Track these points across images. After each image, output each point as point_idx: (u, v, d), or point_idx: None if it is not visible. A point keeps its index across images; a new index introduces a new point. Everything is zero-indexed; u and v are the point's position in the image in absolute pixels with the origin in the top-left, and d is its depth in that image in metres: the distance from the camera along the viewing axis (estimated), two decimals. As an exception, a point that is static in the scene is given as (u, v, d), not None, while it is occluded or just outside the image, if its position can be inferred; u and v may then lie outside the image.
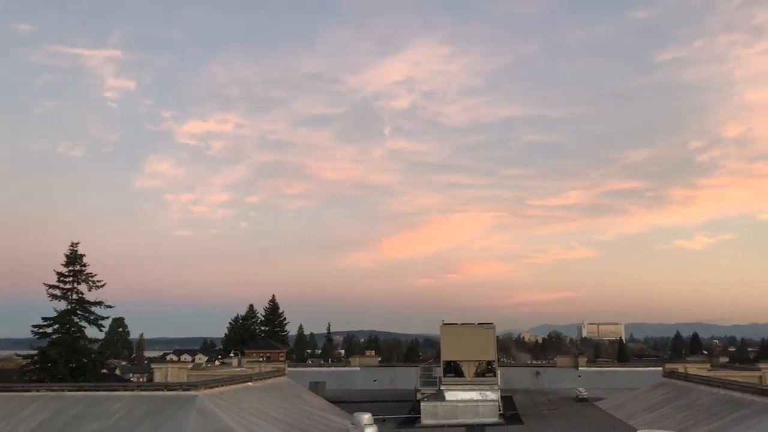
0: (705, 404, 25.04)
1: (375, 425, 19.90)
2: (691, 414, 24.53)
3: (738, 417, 21.27)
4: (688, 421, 23.68)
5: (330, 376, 44.89)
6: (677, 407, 26.51)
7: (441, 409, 29.05)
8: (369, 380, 47.21)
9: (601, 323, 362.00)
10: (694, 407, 25.37)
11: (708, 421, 22.42)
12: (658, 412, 27.01)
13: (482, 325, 30.69)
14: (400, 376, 45.73)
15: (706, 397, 25.91)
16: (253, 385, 27.66)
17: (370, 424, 19.70)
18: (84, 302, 61.91)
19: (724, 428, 20.83)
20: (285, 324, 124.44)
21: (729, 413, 22.14)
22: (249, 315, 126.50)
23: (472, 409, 29.01)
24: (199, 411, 21.03)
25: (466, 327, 30.65)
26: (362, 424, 19.64)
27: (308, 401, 30.46)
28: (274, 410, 25.22)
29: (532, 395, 39.18)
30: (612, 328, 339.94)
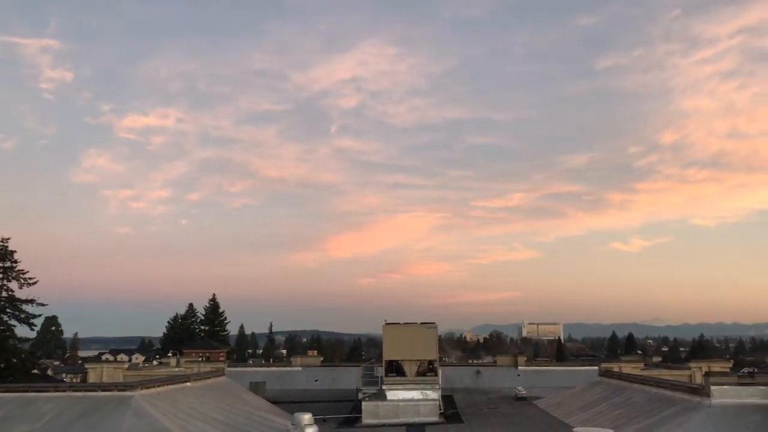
0: (638, 402, 25.75)
1: (315, 425, 19.72)
2: (625, 412, 25.19)
3: (669, 414, 21.96)
4: (622, 418, 24.31)
5: (271, 377, 44.39)
6: (612, 405, 27.20)
7: (382, 408, 29.07)
8: (310, 380, 46.89)
9: (541, 323, 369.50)
10: (628, 405, 26.07)
11: (641, 419, 23.07)
12: (593, 410, 27.64)
13: (424, 324, 30.84)
14: (342, 376, 45.61)
15: (639, 395, 26.66)
16: (191, 386, 27.12)
17: (310, 424, 19.50)
18: (14, 300, 59.52)
19: (656, 425, 21.46)
20: (225, 323, 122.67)
21: (660, 411, 22.84)
22: (189, 314, 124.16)
23: (413, 409, 29.13)
24: (135, 412, 20.48)
25: (408, 327, 30.75)
26: (302, 424, 19.43)
27: (248, 401, 30.04)
28: (212, 411, 24.77)
29: (472, 394, 39.57)
30: (551, 328, 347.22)
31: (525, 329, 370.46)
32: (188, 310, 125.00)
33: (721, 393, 20.80)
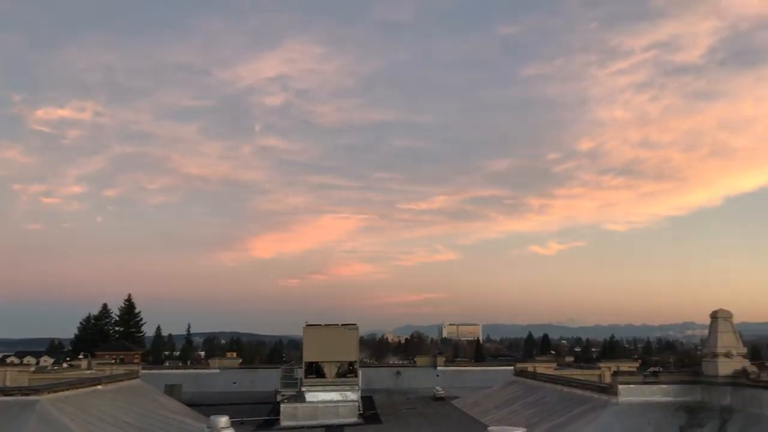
0: (551, 401, 26.61)
1: (232, 428, 19.40)
2: (538, 410, 25.98)
3: (579, 412, 22.79)
4: (535, 417, 25.05)
5: (187, 379, 43.44)
6: (526, 404, 27.99)
7: (301, 410, 28.91)
8: (229, 382, 46.17)
9: (461, 324, 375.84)
10: (541, 404, 26.90)
11: (553, 417, 23.84)
12: (508, 409, 28.36)
13: (345, 326, 30.90)
14: (262, 378, 45.08)
15: (552, 394, 27.56)
16: (102, 389, 26.21)
17: (226, 427, 19.17)
18: None
19: (567, 423, 22.23)
20: (141, 324, 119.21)
21: (571, 409, 23.67)
22: (102, 315, 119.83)
23: (332, 410, 29.10)
24: (40, 417, 19.61)
25: (329, 328, 30.73)
26: (219, 427, 19.07)
27: (163, 404, 29.27)
28: (125, 414, 24.01)
29: (392, 395, 39.90)
30: (471, 328, 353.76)
31: (445, 330, 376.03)
32: (102, 310, 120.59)
33: (627, 391, 21.75)
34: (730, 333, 21.53)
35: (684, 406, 21.17)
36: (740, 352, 21.34)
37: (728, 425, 19.02)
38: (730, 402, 20.08)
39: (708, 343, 21.96)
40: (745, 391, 19.67)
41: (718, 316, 21.61)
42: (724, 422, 19.31)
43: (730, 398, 20.16)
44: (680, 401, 21.43)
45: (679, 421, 20.45)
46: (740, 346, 21.55)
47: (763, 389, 19.07)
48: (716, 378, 20.89)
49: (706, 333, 22.43)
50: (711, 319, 22.00)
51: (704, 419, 20.09)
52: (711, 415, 20.08)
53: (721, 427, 19.13)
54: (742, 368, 20.70)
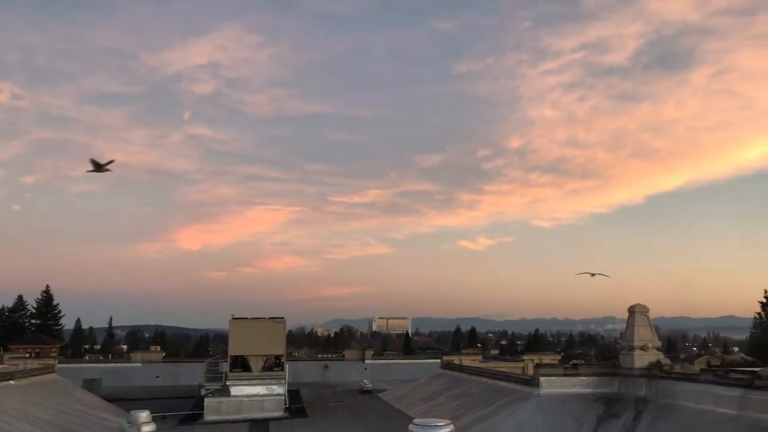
0: (475, 393, 27.05)
1: (153, 423, 18.87)
2: (463, 402, 26.36)
3: (502, 404, 23.24)
4: (460, 409, 25.40)
5: (108, 373, 42.12)
6: (451, 396, 28.35)
7: (225, 404, 28.41)
8: (151, 377, 45.00)
9: (391, 317, 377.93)
10: (466, 396, 27.31)
11: (477, 409, 24.23)
12: (434, 402, 28.67)
13: (273, 319, 30.53)
14: (186, 372, 44.13)
15: (477, 386, 28.02)
16: (15, 384, 25.03)
17: (147, 422, 18.64)
18: None
19: (490, 414, 22.64)
20: (60, 317, 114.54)
21: (495, 401, 24.11)
22: (17, 307, 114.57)
23: (257, 404, 28.73)
24: (-56, 415, 18.57)
25: (256, 321, 30.31)
26: (139, 422, 18.53)
27: (80, 400, 28.22)
28: (39, 411, 22.99)
29: (319, 388, 39.77)
30: (400, 322, 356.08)
31: (375, 324, 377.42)
32: (17, 302, 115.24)
33: (549, 383, 22.31)
34: (646, 327, 22.37)
35: (602, 397, 21.87)
36: (655, 345, 22.20)
37: (642, 415, 19.75)
38: (645, 393, 20.87)
39: (625, 337, 22.77)
40: (658, 383, 20.48)
41: (635, 311, 22.42)
42: (639, 412, 20.04)
43: (645, 389, 20.96)
44: (599, 392, 22.13)
45: (597, 411, 21.10)
46: (655, 339, 22.43)
47: (676, 381, 19.90)
48: (632, 370, 21.68)
49: (624, 327, 23.26)
50: (628, 314, 22.82)
51: (620, 409, 20.80)
52: (627, 406, 20.82)
53: (636, 417, 19.85)
54: (656, 361, 21.55)
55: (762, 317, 75.77)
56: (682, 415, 18.26)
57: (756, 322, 77.97)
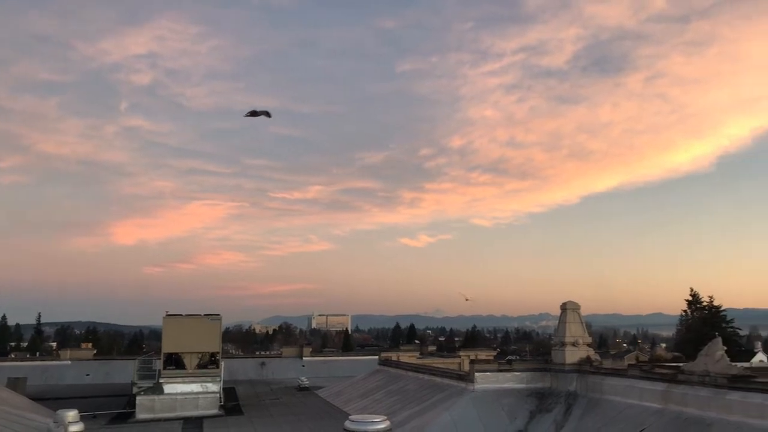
0: (412, 389, 27.26)
1: (81, 422, 18.26)
2: (400, 398, 26.53)
3: (438, 399, 23.49)
4: (396, 405, 25.55)
5: (34, 371, 40.65)
6: (388, 393, 28.50)
7: (158, 402, 27.81)
8: (81, 375, 43.68)
9: (330, 314, 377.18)
10: (403, 392, 27.49)
11: (413, 405, 24.43)
12: (371, 398, 28.76)
13: (208, 316, 30.05)
14: (118, 369, 43.03)
15: (414, 382, 28.24)
16: (-68, 384, 23.90)
17: (75, 422, 17.99)
18: None
19: (426, 410, 22.85)
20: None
21: (431, 396, 24.36)
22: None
23: (191, 402, 28.22)
24: None
25: (191, 318, 29.78)
26: (66, 421, 17.86)
27: (4, 399, 27.09)
28: (-42, 411, 22.02)
29: (256, 386, 39.35)
30: (340, 319, 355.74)
31: (315, 321, 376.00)
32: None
33: (483, 379, 22.69)
34: (578, 323, 22.99)
35: (535, 392, 22.38)
36: (586, 342, 22.85)
37: (573, 409, 20.30)
38: (576, 387, 21.45)
39: (557, 333, 23.35)
40: (588, 378, 21.09)
41: (567, 308, 23.01)
42: (570, 406, 20.59)
43: (576, 384, 21.54)
44: (531, 387, 22.64)
45: (529, 406, 21.58)
46: (586, 335, 23.08)
47: (604, 375, 20.53)
48: (564, 365, 22.25)
49: (557, 324, 23.84)
50: (561, 311, 23.40)
51: (552, 404, 21.33)
52: (558, 400, 21.36)
53: (566, 411, 20.38)
54: (586, 356, 22.18)
55: (688, 315, 78.73)
56: (609, 409, 18.84)
57: (682, 320, 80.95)
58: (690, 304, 78.76)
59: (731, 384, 15.39)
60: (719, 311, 77.02)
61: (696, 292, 78.44)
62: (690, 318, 78.47)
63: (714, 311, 76.64)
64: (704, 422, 15.31)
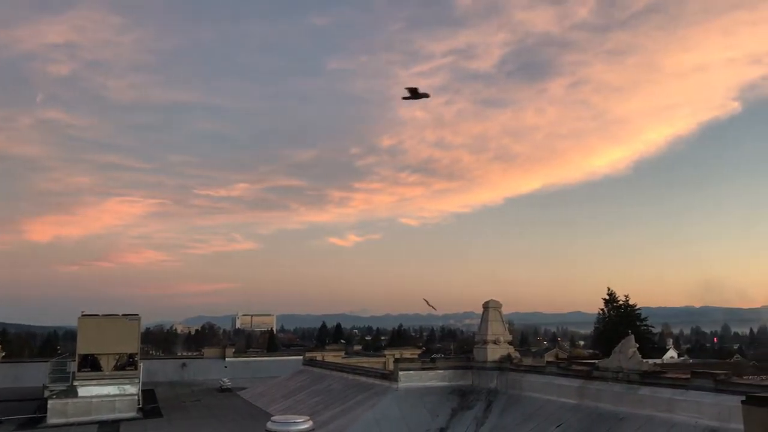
0: (336, 389, 27.18)
1: (-15, 429, 17.40)
2: (324, 398, 26.40)
3: (361, 399, 23.50)
4: (320, 405, 25.42)
5: (-66, 376, 38.40)
6: (312, 392, 28.32)
7: (72, 406, 26.72)
8: (-12, 378, 41.47)
9: (255, 314, 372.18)
10: (327, 392, 27.37)
11: (336, 404, 24.35)
12: (295, 398, 28.51)
13: (126, 316, 29.10)
14: (28, 372, 40.99)
15: (338, 382, 28.16)
16: None
17: (-22, 428, 17.16)
18: None
19: (350, 409, 22.81)
20: None
21: (355, 395, 24.34)
22: None
23: (107, 405, 27.27)
24: None
25: (108, 319, 28.76)
26: (-32, 428, 17.01)
27: None
28: None
29: (176, 387, 38.43)
30: (265, 319, 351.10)
31: (239, 321, 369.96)
32: None
33: (407, 377, 22.84)
34: (499, 322, 23.45)
35: (457, 390, 22.69)
36: (507, 340, 23.34)
37: (493, 406, 20.69)
38: (496, 385, 21.89)
39: (479, 332, 23.75)
40: (508, 375, 21.56)
41: (489, 306, 23.44)
42: (490, 403, 20.98)
43: (497, 381, 21.98)
44: (454, 385, 22.95)
45: (452, 403, 21.85)
46: (507, 333, 23.57)
47: (524, 373, 21.03)
48: (485, 363, 22.65)
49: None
50: (483, 309, 23.81)
51: (473, 401, 21.67)
52: (479, 397, 21.72)
53: (487, 408, 20.75)
54: (507, 354, 22.66)
55: (605, 313, 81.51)
56: (528, 405, 19.30)
57: (599, 318, 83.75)
58: (607, 303, 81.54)
59: (642, 380, 16.03)
60: (634, 310, 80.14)
61: (612, 291, 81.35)
62: (607, 316, 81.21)
63: (629, 310, 79.69)
64: (617, 417, 15.87)
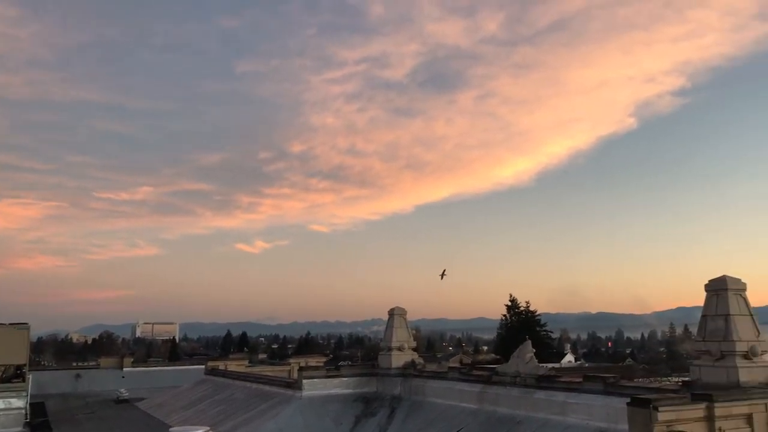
0: (239, 398, 26.66)
1: None
2: (225, 408, 25.84)
3: (265, 408, 23.15)
4: (221, 415, 24.85)
5: None
6: (213, 402, 27.66)
7: (-53, 423, 24.97)
8: None
9: (157, 323, 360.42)
10: (229, 401, 26.81)
11: (239, 414, 23.88)
12: (195, 409, 27.76)
13: (14, 325, 27.44)
14: None
15: (241, 391, 27.64)
16: None
17: None
18: None
19: (252, 419, 22.43)
20: None
21: (258, 405, 23.96)
22: None
23: (-9, 420, 25.62)
24: None
25: None
26: None
27: None
28: None
29: (69, 399, 36.69)
30: (167, 327, 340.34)
31: (140, 329, 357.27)
32: None
33: (311, 385, 22.68)
34: (404, 328, 23.71)
35: (361, 397, 22.73)
36: (411, 346, 23.61)
37: (396, 412, 20.86)
38: (400, 391, 22.09)
39: (384, 338, 23.92)
40: (412, 381, 21.80)
41: (395, 313, 23.66)
42: (394, 410, 21.13)
43: (400, 388, 22.19)
44: (358, 392, 22.98)
45: (356, 410, 21.86)
46: (411, 340, 23.85)
47: (427, 378, 21.34)
48: (390, 370, 22.83)
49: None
50: (389, 316, 24.01)
51: (377, 408, 21.77)
52: (383, 404, 21.85)
53: (390, 414, 20.90)
54: (411, 360, 22.92)
55: (507, 319, 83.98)
56: (430, 411, 19.58)
57: (502, 323, 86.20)
58: (509, 309, 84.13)
59: (538, 384, 16.60)
60: (534, 316, 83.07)
61: (515, 298, 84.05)
62: (509, 322, 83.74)
63: (529, 316, 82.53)
64: (514, 420, 16.35)
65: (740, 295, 13.63)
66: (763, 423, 12.31)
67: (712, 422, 11.83)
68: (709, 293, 13.85)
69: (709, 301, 13.83)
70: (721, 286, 13.58)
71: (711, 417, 11.83)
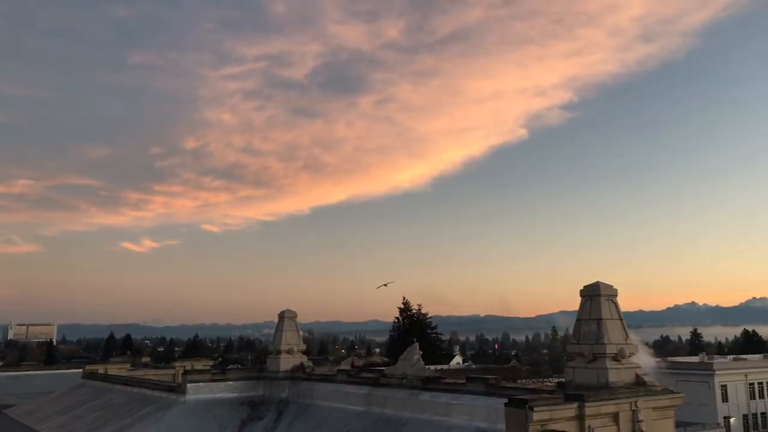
0: (118, 403, 25.59)
1: None
2: (104, 413, 24.73)
3: (146, 413, 22.34)
4: (99, 420, 23.78)
5: None
6: (91, 408, 26.42)
7: None
8: None
9: (32, 324, 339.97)
10: (108, 407, 25.68)
11: (118, 420, 22.92)
12: (71, 414, 26.41)
13: None
14: None
15: (121, 396, 26.54)
16: None
17: None
18: None
19: (132, 425, 21.58)
20: None
21: (139, 410, 23.08)
22: None
23: None
24: None
25: None
26: None
27: None
28: None
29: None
30: (44, 329, 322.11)
31: (12, 331, 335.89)
32: None
33: (195, 390, 22.09)
34: (294, 331, 23.55)
35: (248, 401, 22.38)
36: (300, 349, 23.47)
37: (283, 415, 20.70)
38: (288, 394, 21.93)
39: (274, 341, 23.67)
40: (300, 384, 21.71)
41: (285, 316, 23.46)
42: (281, 413, 20.96)
43: (288, 391, 22.04)
44: (245, 396, 22.61)
45: (242, 415, 21.50)
46: (301, 343, 23.71)
47: (315, 381, 21.31)
48: (278, 373, 22.61)
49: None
50: (278, 319, 23.78)
51: (264, 411, 21.51)
52: (270, 408, 21.61)
53: (277, 418, 20.71)
54: (300, 363, 22.80)
55: (399, 321, 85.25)
56: (317, 414, 19.56)
57: (394, 326, 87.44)
58: (402, 312, 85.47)
59: (424, 385, 16.96)
60: (425, 318, 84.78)
61: (407, 301, 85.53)
62: (400, 324, 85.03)
63: (421, 318, 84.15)
64: (400, 422, 16.61)
65: (612, 301, 14.49)
66: (628, 421, 13.12)
67: (582, 421, 12.51)
68: (584, 298, 14.65)
69: (583, 306, 14.62)
70: (595, 291, 14.39)
71: (582, 416, 12.50)
